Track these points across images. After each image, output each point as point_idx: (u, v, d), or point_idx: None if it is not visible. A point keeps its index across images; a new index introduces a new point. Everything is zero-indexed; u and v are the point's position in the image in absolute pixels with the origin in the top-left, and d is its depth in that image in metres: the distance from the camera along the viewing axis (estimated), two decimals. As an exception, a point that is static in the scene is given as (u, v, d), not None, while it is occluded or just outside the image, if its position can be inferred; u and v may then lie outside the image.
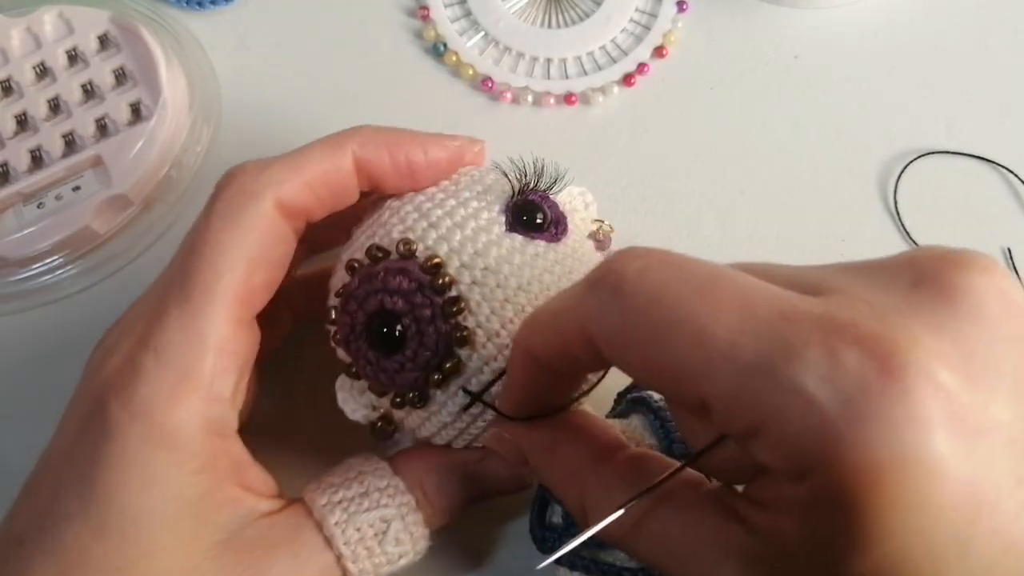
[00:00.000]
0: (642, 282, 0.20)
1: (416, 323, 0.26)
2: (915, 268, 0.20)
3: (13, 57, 0.39)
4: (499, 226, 0.28)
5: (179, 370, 0.25)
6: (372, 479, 0.28)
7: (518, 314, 0.27)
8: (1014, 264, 0.36)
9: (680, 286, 0.19)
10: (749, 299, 0.19)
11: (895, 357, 0.18)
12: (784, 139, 0.39)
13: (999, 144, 0.38)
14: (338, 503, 0.27)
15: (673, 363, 0.19)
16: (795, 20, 0.41)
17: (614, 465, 0.24)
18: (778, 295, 0.19)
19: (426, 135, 0.29)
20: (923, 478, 0.17)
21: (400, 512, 0.27)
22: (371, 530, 0.27)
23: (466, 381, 0.27)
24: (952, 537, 0.18)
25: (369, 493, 0.27)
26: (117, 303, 0.29)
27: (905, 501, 0.17)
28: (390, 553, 0.27)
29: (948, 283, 0.19)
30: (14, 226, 0.36)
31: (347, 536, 0.27)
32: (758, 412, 0.18)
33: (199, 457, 0.25)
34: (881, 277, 0.20)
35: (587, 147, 0.39)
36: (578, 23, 0.41)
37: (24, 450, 0.28)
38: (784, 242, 0.37)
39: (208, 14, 0.42)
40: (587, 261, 0.29)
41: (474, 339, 0.26)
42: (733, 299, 0.19)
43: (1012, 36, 0.40)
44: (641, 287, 0.20)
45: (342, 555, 0.26)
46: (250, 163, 0.27)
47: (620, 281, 0.20)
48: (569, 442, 0.25)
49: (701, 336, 0.19)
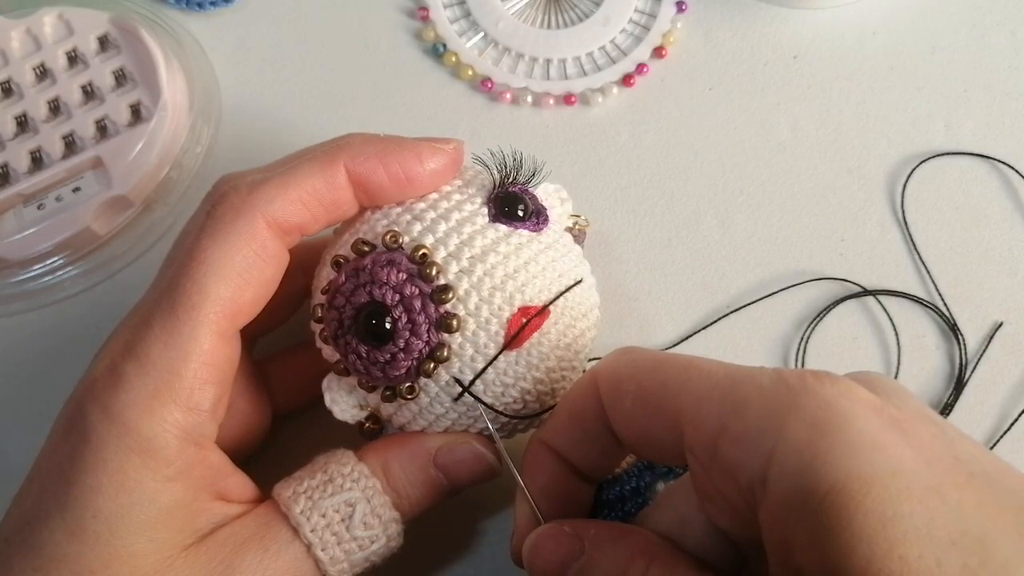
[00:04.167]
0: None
1: (407, 313, 0.26)
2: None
3: (13, 58, 0.39)
4: (482, 217, 0.28)
5: (159, 380, 0.25)
6: (335, 466, 0.28)
7: (506, 302, 0.27)
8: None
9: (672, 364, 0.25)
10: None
11: (828, 376, 0.22)
12: (783, 139, 0.39)
13: (999, 142, 0.38)
14: (303, 492, 0.27)
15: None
16: (794, 20, 0.41)
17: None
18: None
19: (417, 142, 0.29)
20: (870, 447, 0.20)
21: (365, 495, 0.27)
22: (337, 515, 0.27)
23: (457, 371, 0.27)
24: (922, 487, 0.19)
25: (333, 479, 0.28)
26: (117, 304, 0.30)
27: (859, 457, 0.20)
28: (360, 538, 0.27)
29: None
30: (14, 227, 0.36)
31: (313, 523, 0.27)
32: (725, 406, 0.22)
33: (173, 465, 0.25)
34: None
35: (587, 147, 0.39)
36: (577, 24, 0.41)
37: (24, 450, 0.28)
38: (783, 242, 0.37)
39: (208, 15, 0.42)
40: (569, 252, 0.30)
41: (464, 326, 0.27)
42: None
43: (1010, 36, 0.40)
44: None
45: (310, 543, 0.27)
46: (242, 180, 0.27)
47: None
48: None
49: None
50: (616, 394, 0.25)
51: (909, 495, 0.19)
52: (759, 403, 0.21)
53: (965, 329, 0.35)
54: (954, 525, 0.19)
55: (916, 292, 0.36)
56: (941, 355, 0.35)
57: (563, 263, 0.29)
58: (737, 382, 0.22)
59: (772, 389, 0.22)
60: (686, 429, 0.23)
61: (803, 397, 0.21)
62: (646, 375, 0.24)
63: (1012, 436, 0.34)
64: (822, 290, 0.36)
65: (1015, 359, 0.35)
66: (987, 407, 0.34)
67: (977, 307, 0.36)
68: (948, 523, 0.19)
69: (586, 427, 0.26)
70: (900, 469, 0.19)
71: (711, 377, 0.23)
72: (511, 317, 0.27)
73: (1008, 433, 0.34)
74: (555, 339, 0.28)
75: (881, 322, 0.36)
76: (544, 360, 0.28)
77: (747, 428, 0.21)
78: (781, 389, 0.21)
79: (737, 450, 0.21)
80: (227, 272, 0.26)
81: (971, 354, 0.35)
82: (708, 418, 0.22)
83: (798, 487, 0.20)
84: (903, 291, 0.36)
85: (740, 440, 0.21)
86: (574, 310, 0.29)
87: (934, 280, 0.36)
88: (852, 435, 0.20)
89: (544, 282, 0.28)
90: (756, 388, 0.22)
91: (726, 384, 0.22)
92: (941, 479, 0.19)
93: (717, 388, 0.23)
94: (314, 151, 0.28)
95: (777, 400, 0.21)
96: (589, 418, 0.26)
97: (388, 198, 0.29)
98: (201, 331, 0.25)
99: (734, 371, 0.23)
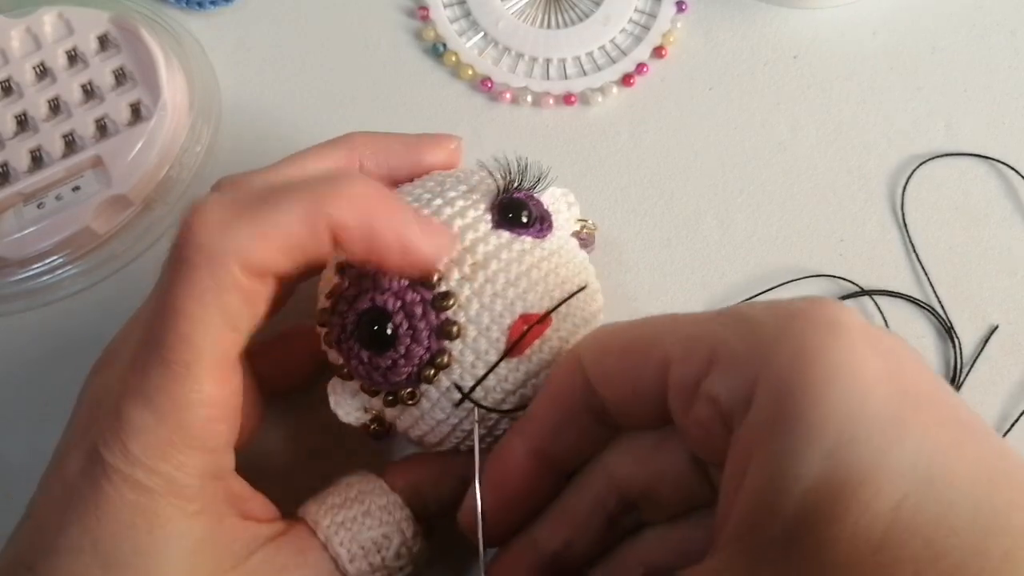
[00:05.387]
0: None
1: (408, 319, 0.26)
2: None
3: (13, 58, 0.39)
4: (485, 223, 0.28)
5: (170, 429, 0.24)
6: (372, 498, 0.28)
7: (507, 309, 0.27)
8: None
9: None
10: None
11: (822, 300, 0.22)
12: (783, 139, 0.39)
13: (999, 142, 0.38)
14: (341, 523, 0.28)
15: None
16: (794, 20, 0.41)
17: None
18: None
19: (418, 138, 0.30)
20: (847, 359, 0.20)
21: (400, 527, 0.28)
22: (374, 547, 0.28)
23: (458, 377, 0.27)
24: (888, 416, 0.19)
25: (371, 512, 0.28)
26: (117, 303, 0.30)
27: (839, 376, 0.20)
28: (391, 567, 0.28)
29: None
30: (14, 226, 0.36)
31: (352, 554, 0.27)
32: (712, 340, 0.22)
33: (199, 500, 0.25)
34: None
35: (586, 147, 0.39)
36: (577, 23, 0.41)
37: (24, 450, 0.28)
38: (783, 242, 0.37)
39: (208, 14, 0.42)
40: (572, 258, 0.30)
41: (465, 333, 0.27)
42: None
43: (1010, 36, 0.40)
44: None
45: (347, 573, 0.27)
46: (213, 210, 0.24)
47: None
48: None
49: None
50: (601, 354, 0.25)
51: (871, 424, 0.19)
52: (747, 331, 0.22)
53: (964, 330, 0.35)
54: (910, 459, 0.19)
55: (915, 293, 0.36)
56: (937, 357, 0.35)
57: (566, 269, 0.29)
58: (726, 316, 0.23)
59: (762, 317, 0.22)
60: (672, 367, 0.23)
61: (792, 321, 0.21)
62: (632, 328, 0.25)
63: (1012, 436, 0.34)
64: (820, 290, 0.36)
65: (1015, 360, 0.35)
66: (986, 408, 0.34)
67: (976, 308, 0.36)
68: (905, 454, 0.19)
69: (567, 405, 0.26)
70: (869, 397, 0.20)
71: (698, 319, 0.24)
72: (512, 324, 0.27)
73: (1008, 434, 0.34)
74: (557, 346, 0.28)
75: (878, 323, 0.36)
76: (546, 367, 0.28)
77: (735, 355, 0.22)
78: (770, 317, 0.22)
79: (723, 377, 0.22)
80: (213, 324, 0.24)
81: (968, 356, 0.35)
82: (696, 351, 0.22)
83: (772, 413, 0.20)
84: (901, 292, 0.36)
85: (728, 367, 0.22)
86: (577, 316, 0.29)
87: (931, 281, 0.36)
88: (832, 360, 0.20)
89: (546, 289, 0.28)
90: (745, 319, 0.22)
91: (714, 320, 0.23)
92: (911, 413, 0.20)
93: (704, 323, 0.23)
94: (304, 188, 0.25)
95: (765, 328, 0.22)
96: (570, 393, 0.26)
97: (389, 265, 0.26)
98: (201, 383, 0.24)
99: (721, 310, 0.24)
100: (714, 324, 0.23)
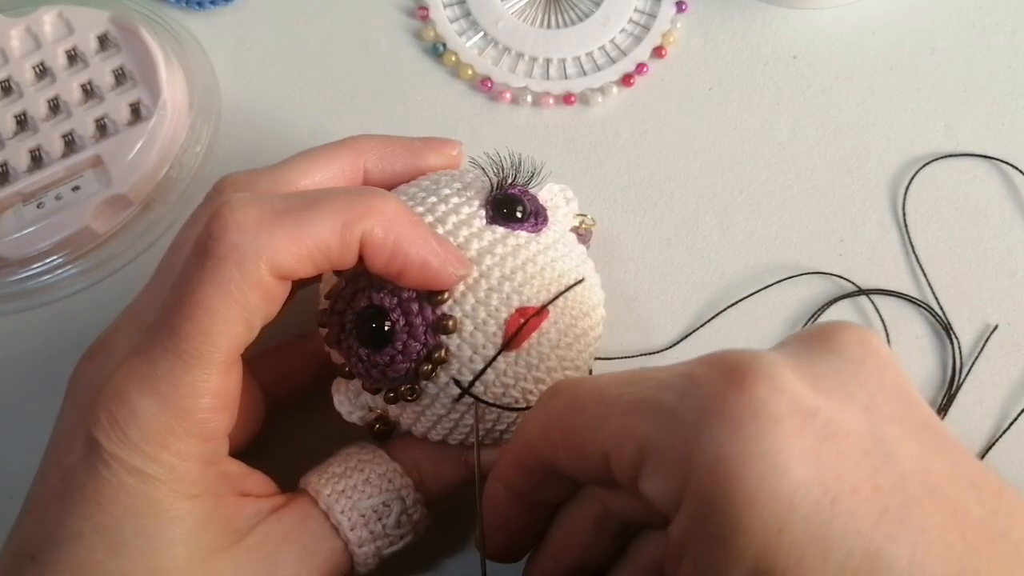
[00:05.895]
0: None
1: (404, 316, 0.27)
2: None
3: (13, 57, 0.39)
4: (480, 219, 0.29)
5: (172, 417, 0.25)
6: (372, 467, 0.29)
7: (503, 303, 0.27)
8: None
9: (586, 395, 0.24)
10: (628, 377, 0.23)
11: (741, 366, 0.20)
12: (783, 139, 0.39)
13: (999, 142, 0.38)
14: (342, 492, 0.28)
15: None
16: (794, 20, 0.41)
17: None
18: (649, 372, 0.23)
19: (425, 142, 0.30)
20: (769, 469, 0.19)
21: (400, 495, 0.29)
22: (374, 515, 0.28)
23: (457, 372, 0.27)
24: (810, 535, 0.19)
25: (371, 480, 0.29)
26: (117, 303, 0.30)
27: (759, 495, 0.19)
28: (392, 535, 0.29)
29: (819, 331, 0.23)
30: (14, 226, 0.36)
31: (352, 522, 0.28)
32: (639, 438, 0.21)
33: (198, 484, 0.26)
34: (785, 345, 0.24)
35: (586, 147, 0.39)
36: (577, 23, 0.41)
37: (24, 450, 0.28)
38: (783, 242, 0.37)
39: (208, 14, 0.42)
40: (570, 252, 0.30)
41: (461, 328, 0.27)
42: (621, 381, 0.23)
43: (1010, 37, 0.40)
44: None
45: (349, 540, 0.28)
46: (249, 211, 0.25)
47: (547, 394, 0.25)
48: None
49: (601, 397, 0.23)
50: (550, 447, 0.25)
51: (789, 550, 0.19)
52: (670, 429, 0.21)
53: (963, 330, 0.35)
54: (834, 551, 0.19)
55: (914, 293, 0.36)
56: (935, 357, 0.35)
57: (563, 263, 0.29)
58: (647, 408, 0.22)
59: (681, 410, 0.21)
60: (611, 461, 0.22)
61: (710, 419, 0.20)
62: (565, 422, 0.24)
63: (1011, 437, 0.34)
64: (818, 290, 0.36)
65: (1014, 360, 0.35)
66: (985, 408, 0.34)
67: (976, 308, 0.36)
68: (828, 548, 0.19)
69: (532, 467, 0.26)
70: (793, 513, 0.19)
71: (621, 404, 0.22)
72: (509, 318, 0.27)
73: (1007, 434, 0.34)
74: (555, 339, 0.28)
75: (876, 322, 0.36)
76: (544, 360, 0.28)
77: (661, 455, 0.21)
78: (688, 411, 0.21)
79: (652, 480, 0.21)
80: (232, 320, 0.25)
81: (967, 356, 0.35)
82: (627, 448, 0.22)
83: (697, 532, 0.20)
84: (901, 292, 0.36)
85: (656, 469, 0.21)
86: (575, 309, 0.29)
87: (930, 281, 0.36)
88: (752, 473, 0.19)
89: (542, 282, 0.28)
90: (663, 412, 0.21)
91: (640, 411, 0.22)
92: (838, 522, 0.19)
93: (631, 414, 0.22)
94: (338, 197, 0.26)
95: (684, 426, 0.20)
96: (530, 461, 0.26)
97: (408, 280, 0.27)
98: (210, 373, 0.25)
99: (643, 394, 0.22)
100: (639, 416, 0.22)
